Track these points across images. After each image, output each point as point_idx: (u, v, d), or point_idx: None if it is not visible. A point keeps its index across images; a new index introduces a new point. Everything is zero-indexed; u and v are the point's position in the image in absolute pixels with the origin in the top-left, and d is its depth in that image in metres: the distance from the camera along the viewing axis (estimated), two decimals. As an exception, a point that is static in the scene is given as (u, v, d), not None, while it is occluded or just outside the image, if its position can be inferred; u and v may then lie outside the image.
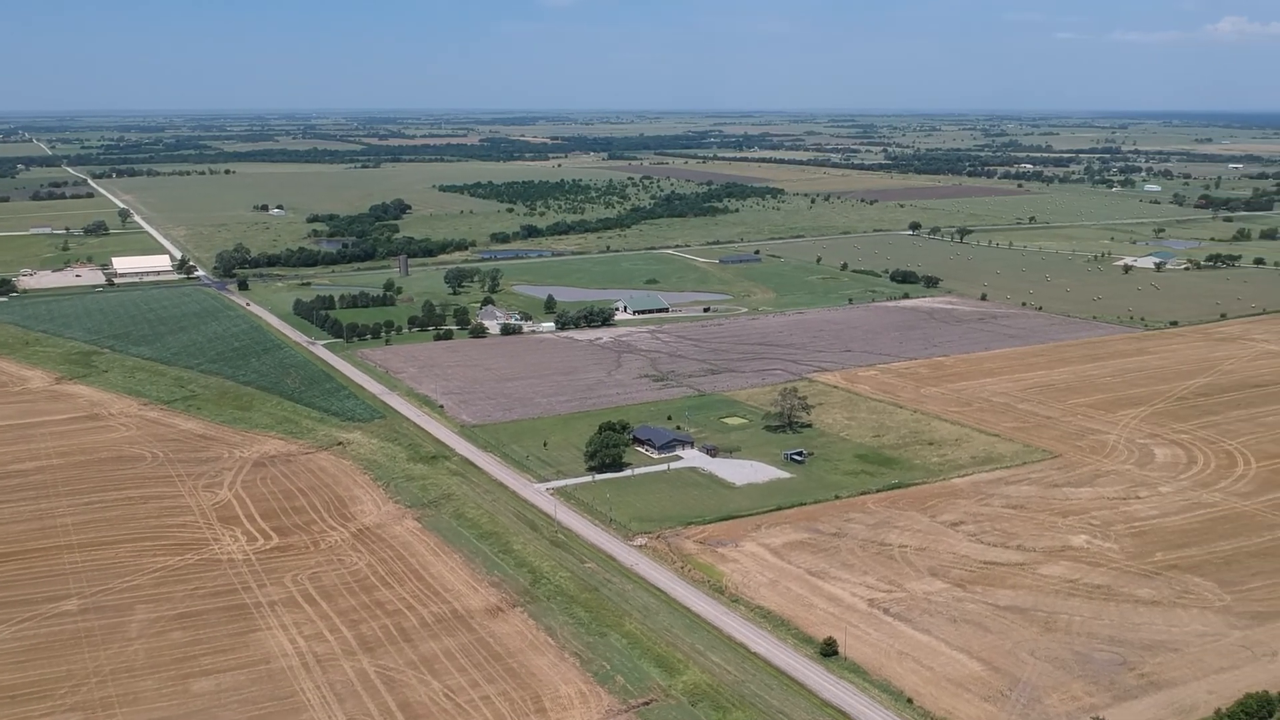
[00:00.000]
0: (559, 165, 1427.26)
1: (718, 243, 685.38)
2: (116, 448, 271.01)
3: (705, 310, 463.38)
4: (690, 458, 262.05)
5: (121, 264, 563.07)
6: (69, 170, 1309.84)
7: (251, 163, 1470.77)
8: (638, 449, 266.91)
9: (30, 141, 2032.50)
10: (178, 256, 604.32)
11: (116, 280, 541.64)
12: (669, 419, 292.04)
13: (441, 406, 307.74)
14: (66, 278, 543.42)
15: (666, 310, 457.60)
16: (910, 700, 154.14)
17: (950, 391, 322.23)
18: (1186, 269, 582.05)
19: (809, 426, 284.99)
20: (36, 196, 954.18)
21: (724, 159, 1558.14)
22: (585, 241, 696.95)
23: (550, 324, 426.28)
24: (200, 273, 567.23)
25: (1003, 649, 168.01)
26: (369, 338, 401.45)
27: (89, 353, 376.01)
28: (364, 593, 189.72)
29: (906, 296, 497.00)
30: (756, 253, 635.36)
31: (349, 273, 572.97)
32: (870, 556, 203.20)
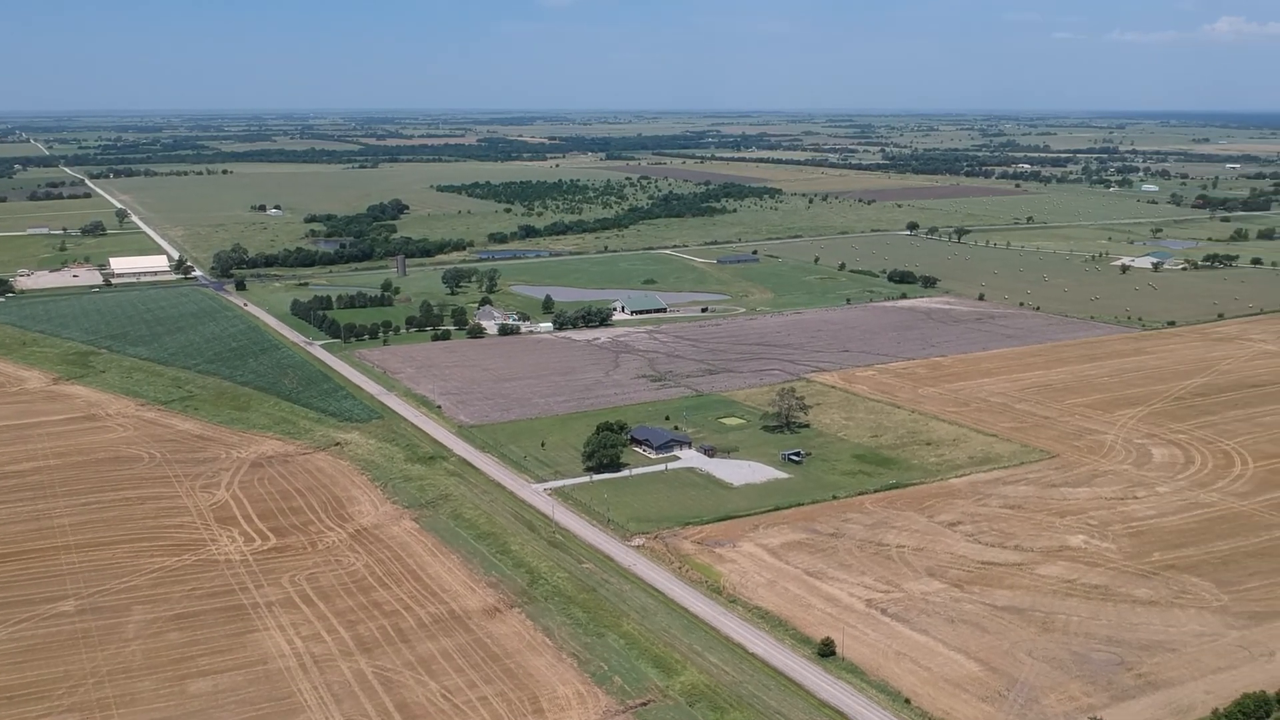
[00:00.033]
0: (557, 165, 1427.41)
1: (715, 243, 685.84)
2: (114, 448, 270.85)
3: (703, 310, 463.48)
4: (688, 458, 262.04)
5: (119, 264, 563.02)
6: (66, 170, 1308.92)
7: (249, 163, 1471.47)
8: (635, 449, 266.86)
9: (27, 141, 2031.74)
10: (175, 257, 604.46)
11: (114, 280, 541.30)
12: (667, 419, 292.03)
13: (439, 407, 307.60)
14: (64, 278, 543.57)
15: (664, 310, 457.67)
16: (908, 700, 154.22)
17: (948, 391, 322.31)
18: (1184, 269, 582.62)
19: (807, 427, 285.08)
20: (34, 197, 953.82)
21: (722, 159, 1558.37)
22: (583, 242, 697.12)
23: (548, 324, 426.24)
24: (198, 273, 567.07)
25: (1000, 649, 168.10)
26: (366, 338, 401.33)
27: (86, 353, 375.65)
28: (361, 593, 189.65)
29: (904, 296, 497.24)
30: (754, 253, 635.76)
31: (346, 273, 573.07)
32: (868, 557, 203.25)
